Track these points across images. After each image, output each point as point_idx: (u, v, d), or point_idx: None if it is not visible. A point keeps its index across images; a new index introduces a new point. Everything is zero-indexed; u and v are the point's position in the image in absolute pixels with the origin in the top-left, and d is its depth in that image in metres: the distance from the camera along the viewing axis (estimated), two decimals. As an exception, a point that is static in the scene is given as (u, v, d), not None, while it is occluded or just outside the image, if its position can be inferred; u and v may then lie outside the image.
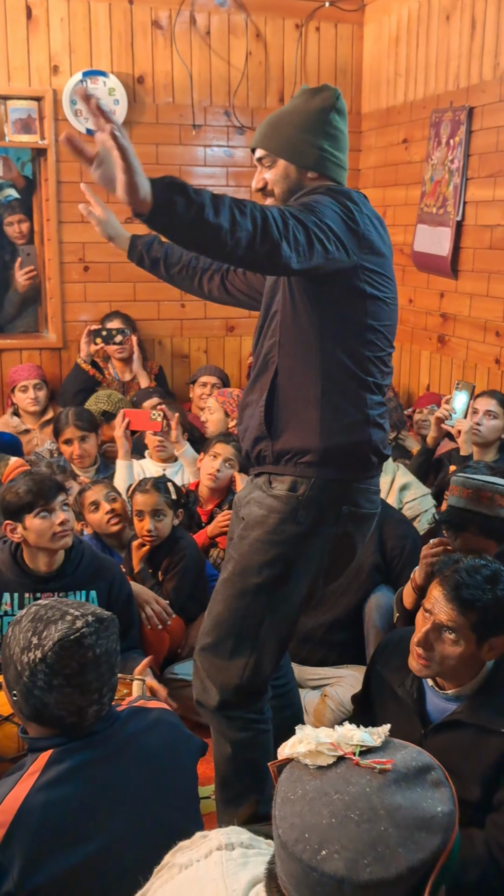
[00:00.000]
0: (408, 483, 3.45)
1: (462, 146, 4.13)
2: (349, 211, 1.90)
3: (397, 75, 4.81)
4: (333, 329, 1.98)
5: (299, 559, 2.04)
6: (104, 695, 1.61)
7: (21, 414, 4.54)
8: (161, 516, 3.02)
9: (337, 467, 2.01)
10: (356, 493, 2.06)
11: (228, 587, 2.10)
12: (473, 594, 1.91)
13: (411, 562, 2.95)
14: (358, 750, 1.09)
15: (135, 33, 4.74)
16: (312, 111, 2.02)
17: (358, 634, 2.91)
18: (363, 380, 2.02)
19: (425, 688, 2.05)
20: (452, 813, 1.05)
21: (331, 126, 2.04)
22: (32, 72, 4.61)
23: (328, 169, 2.05)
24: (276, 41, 5.01)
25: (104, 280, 4.94)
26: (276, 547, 2.03)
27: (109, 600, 2.64)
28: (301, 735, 1.11)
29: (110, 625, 1.65)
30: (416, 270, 4.68)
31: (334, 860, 0.97)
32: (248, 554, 2.06)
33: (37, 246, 5.00)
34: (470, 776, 1.90)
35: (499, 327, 4.04)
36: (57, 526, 2.51)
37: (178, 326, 5.15)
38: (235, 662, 2.09)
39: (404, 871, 0.98)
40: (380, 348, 2.04)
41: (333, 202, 1.89)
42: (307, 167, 2.03)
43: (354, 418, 2.01)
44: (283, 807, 1.05)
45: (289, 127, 2.03)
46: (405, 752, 1.10)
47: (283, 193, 2.06)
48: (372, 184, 5.16)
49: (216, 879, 1.17)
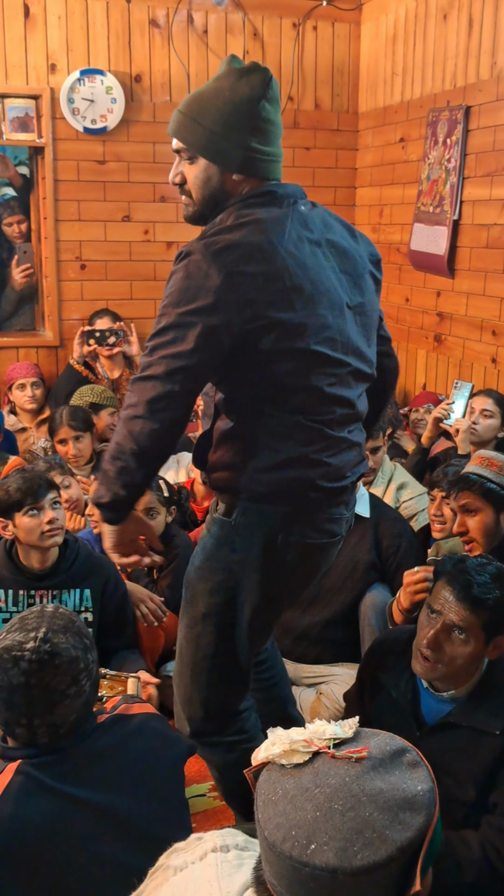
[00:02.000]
0: (405, 482, 3.46)
1: (459, 145, 4.13)
2: (222, 296, 1.71)
3: (394, 74, 4.82)
4: (266, 394, 1.83)
5: (240, 585, 1.92)
6: (36, 727, 1.56)
7: (18, 412, 4.54)
8: (154, 514, 3.02)
9: (269, 503, 1.86)
10: (298, 523, 1.88)
11: (183, 616, 2.02)
12: (484, 592, 1.90)
13: (406, 560, 2.95)
14: (332, 743, 1.09)
15: (132, 32, 4.74)
16: (239, 101, 1.78)
17: (353, 632, 2.91)
18: (306, 425, 1.83)
19: (420, 689, 2.04)
20: (433, 790, 1.07)
21: (260, 119, 1.80)
22: (30, 70, 4.61)
23: (256, 169, 1.84)
24: (274, 40, 5.01)
25: (101, 278, 4.95)
26: (216, 574, 1.92)
27: (104, 599, 2.64)
28: (273, 737, 1.11)
29: (64, 666, 1.57)
30: (413, 269, 4.69)
31: (324, 852, 0.98)
32: (194, 581, 1.97)
33: (34, 244, 4.99)
34: (465, 777, 1.90)
35: (495, 326, 4.04)
36: (45, 524, 2.50)
37: (174, 325, 5.14)
38: (196, 696, 2.02)
39: (394, 852, 0.99)
40: (329, 376, 1.84)
41: (199, 284, 1.71)
42: (231, 170, 1.83)
43: (287, 458, 1.83)
44: (266, 809, 1.05)
45: (211, 120, 1.79)
46: (378, 739, 1.11)
47: (202, 199, 1.88)
48: (369, 183, 5.17)
49: (210, 881, 1.17)
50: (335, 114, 5.17)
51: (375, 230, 5.12)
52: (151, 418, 1.74)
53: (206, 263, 1.72)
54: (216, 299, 1.71)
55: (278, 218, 1.80)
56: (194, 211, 1.92)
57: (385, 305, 5.05)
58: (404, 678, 2.06)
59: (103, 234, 4.90)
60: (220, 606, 1.94)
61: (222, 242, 1.74)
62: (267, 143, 1.84)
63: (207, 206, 1.89)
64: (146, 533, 1.96)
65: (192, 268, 1.73)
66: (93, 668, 1.64)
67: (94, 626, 2.62)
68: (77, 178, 4.79)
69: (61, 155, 4.73)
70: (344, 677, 2.83)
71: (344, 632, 2.93)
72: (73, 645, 1.60)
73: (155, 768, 1.68)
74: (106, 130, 4.74)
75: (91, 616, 2.62)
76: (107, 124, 4.73)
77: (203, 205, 1.89)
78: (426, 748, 1.94)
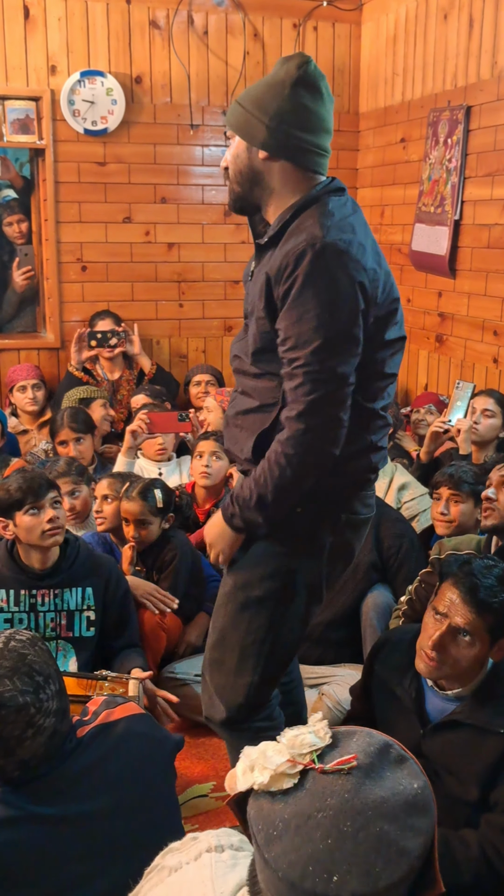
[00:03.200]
0: (406, 483, 3.45)
1: (460, 145, 4.13)
2: (361, 282, 1.76)
3: (395, 75, 4.81)
4: (361, 383, 1.87)
5: (300, 569, 1.97)
6: (3, 766, 1.53)
7: (19, 414, 4.54)
8: (146, 524, 3.01)
9: (335, 490, 1.94)
10: (354, 501, 1.99)
11: (231, 600, 2.03)
12: (490, 595, 1.89)
13: (408, 561, 2.95)
14: (314, 756, 1.04)
15: (132, 33, 4.74)
16: (272, 83, 1.81)
17: (355, 633, 2.90)
18: (371, 410, 1.93)
19: (424, 687, 2.04)
20: (426, 783, 1.05)
21: (289, 101, 1.79)
22: (30, 72, 4.61)
23: (285, 150, 1.82)
24: (274, 41, 5.01)
25: (102, 280, 4.95)
26: (275, 558, 1.96)
27: (106, 597, 2.64)
28: (249, 761, 1.06)
29: (11, 716, 1.51)
30: (414, 270, 4.68)
31: (349, 882, 0.94)
32: (247, 567, 1.99)
33: (35, 246, 5.00)
34: (468, 776, 1.89)
35: (497, 326, 4.03)
36: (46, 523, 2.50)
37: (175, 326, 5.15)
38: (240, 680, 2.02)
39: (414, 861, 0.98)
40: (391, 376, 1.96)
41: (351, 282, 1.74)
42: (255, 145, 1.83)
43: (358, 448, 1.91)
44: (272, 846, 0.99)
45: (247, 100, 1.84)
46: (358, 740, 1.07)
47: (233, 177, 1.90)
48: (370, 183, 5.16)
49: (205, 881, 1.16)
50: (336, 114, 5.12)
51: (377, 230, 5.11)
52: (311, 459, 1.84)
53: (346, 258, 1.75)
54: (361, 292, 1.77)
55: (361, 218, 1.88)
56: (231, 191, 1.94)
57: (386, 306, 5.04)
58: (409, 676, 2.05)
59: (104, 236, 4.90)
60: (277, 591, 1.97)
61: (348, 233, 1.78)
62: (299, 128, 1.82)
63: (239, 184, 1.90)
64: None
65: (337, 263, 1.74)
66: (49, 705, 1.55)
67: (96, 624, 2.62)
68: (78, 180, 4.79)
69: (62, 157, 4.73)
70: (346, 678, 2.82)
71: (346, 632, 2.92)
72: (22, 690, 1.53)
73: (143, 773, 1.65)
74: (106, 132, 4.75)
75: (93, 615, 2.61)
76: (107, 126, 4.73)
77: (235, 182, 1.91)
78: (430, 746, 1.95)
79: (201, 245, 5.09)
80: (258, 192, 1.90)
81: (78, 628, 2.60)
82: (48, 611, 2.57)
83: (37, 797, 1.54)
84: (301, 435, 1.78)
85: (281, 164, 1.85)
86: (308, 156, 1.85)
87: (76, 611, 2.60)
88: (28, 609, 2.56)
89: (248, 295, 2.00)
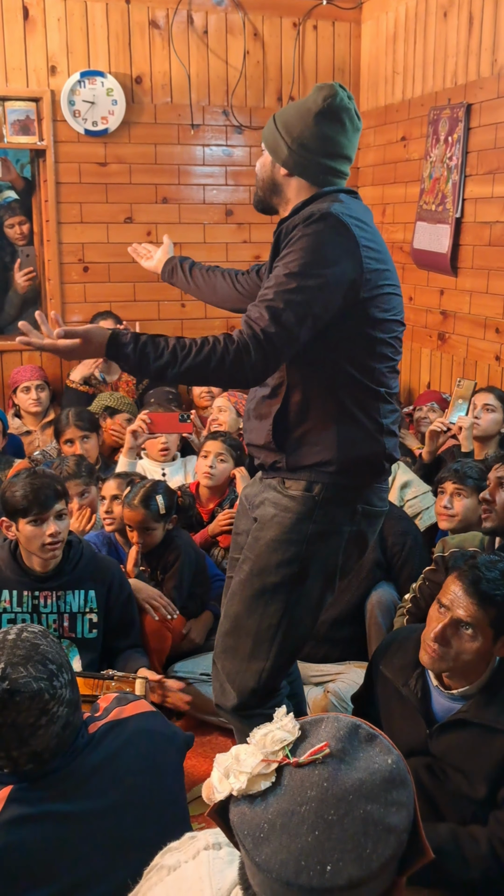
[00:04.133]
0: (409, 481, 3.46)
1: (460, 143, 4.13)
2: (354, 248, 1.92)
3: (395, 73, 4.81)
4: (344, 347, 1.99)
5: (315, 557, 2.04)
6: (16, 758, 1.53)
7: (22, 415, 4.54)
8: (149, 531, 3.01)
9: (352, 476, 2.03)
10: (370, 493, 2.08)
11: (246, 588, 2.09)
12: (493, 588, 1.90)
13: (412, 558, 2.95)
14: (287, 751, 1.03)
15: (132, 33, 4.74)
16: (302, 110, 2.02)
17: (360, 631, 2.91)
18: (376, 391, 2.03)
19: (430, 687, 2.04)
20: (399, 756, 1.05)
21: (310, 127, 2.00)
22: (30, 73, 4.62)
23: (302, 169, 2.04)
24: (274, 40, 5.01)
25: (104, 280, 4.95)
26: (292, 546, 2.03)
27: (109, 600, 2.63)
28: (223, 769, 1.05)
29: (26, 702, 1.52)
30: (416, 268, 4.68)
31: (343, 868, 0.95)
32: (264, 554, 2.05)
33: (36, 247, 5.00)
34: (476, 775, 1.89)
35: (499, 324, 4.03)
36: (47, 537, 2.47)
37: (178, 326, 5.15)
38: (253, 665, 2.09)
39: (402, 835, 0.99)
40: (390, 358, 2.06)
41: (342, 249, 1.90)
42: (280, 162, 2.07)
43: (370, 429, 2.03)
44: (260, 849, 0.98)
45: (281, 121, 2.06)
46: (327, 727, 1.07)
47: (259, 182, 2.14)
48: (371, 182, 5.16)
49: (202, 878, 1.16)
50: (336, 113, 5.16)
51: (378, 229, 5.10)
52: (232, 369, 1.91)
53: (345, 227, 1.91)
54: (362, 259, 1.93)
55: (370, 214, 2.11)
56: (256, 192, 2.17)
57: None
58: (414, 676, 2.05)
59: (105, 236, 4.90)
60: (294, 577, 2.04)
61: (355, 216, 1.97)
62: (318, 153, 2.03)
63: (263, 189, 2.14)
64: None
65: (335, 229, 1.91)
66: (63, 693, 1.56)
67: (99, 626, 2.62)
68: (79, 181, 4.80)
69: (63, 157, 4.74)
70: (351, 676, 2.83)
71: (350, 630, 2.93)
72: (36, 676, 1.53)
73: (152, 772, 1.66)
74: (107, 132, 4.75)
75: (96, 617, 2.61)
76: (108, 126, 4.73)
77: (259, 188, 2.15)
78: (437, 746, 1.95)
79: (203, 245, 5.10)
80: (276, 200, 2.13)
81: (80, 630, 2.60)
82: (50, 612, 2.57)
83: (51, 794, 1.54)
84: (240, 350, 1.87)
85: (297, 180, 2.07)
86: (324, 176, 2.06)
87: (78, 613, 2.59)
88: (31, 610, 2.56)
89: None
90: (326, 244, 1.89)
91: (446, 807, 1.93)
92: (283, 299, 1.86)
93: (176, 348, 1.89)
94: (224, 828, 1.08)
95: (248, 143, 5.03)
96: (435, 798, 1.94)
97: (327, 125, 2.01)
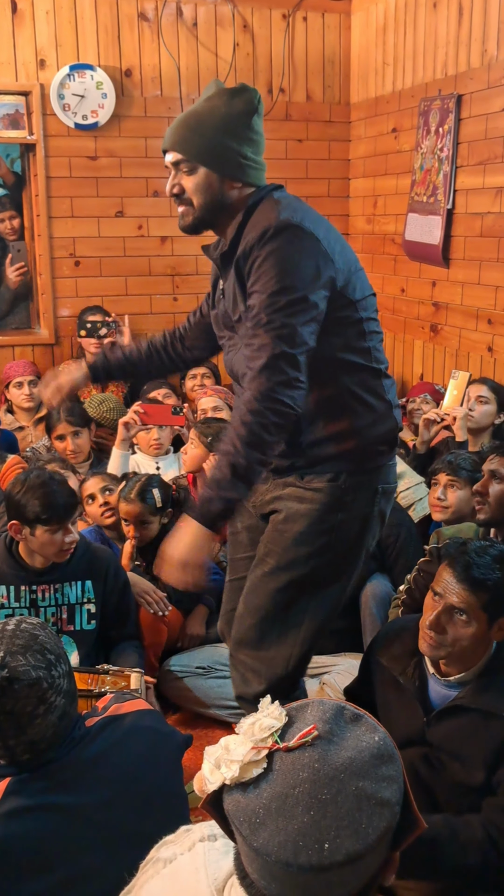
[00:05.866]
0: (401, 472, 3.45)
1: (451, 134, 4.12)
2: (317, 245, 1.90)
3: (385, 64, 4.80)
4: (337, 338, 1.99)
5: (345, 544, 2.07)
6: (13, 747, 1.54)
7: (15, 410, 4.53)
8: (146, 524, 3.02)
9: (374, 456, 2.06)
10: (387, 471, 2.13)
11: (272, 581, 2.09)
12: (484, 573, 1.91)
13: (406, 550, 2.96)
14: (276, 737, 1.05)
15: (121, 26, 4.72)
16: (235, 114, 1.93)
17: (354, 622, 2.91)
18: (377, 369, 2.05)
19: (427, 675, 2.05)
20: (385, 733, 1.08)
21: (252, 131, 1.97)
22: (19, 66, 4.60)
23: (249, 176, 1.99)
24: (264, 32, 4.99)
25: (95, 275, 4.94)
26: (322, 536, 2.05)
27: (105, 589, 2.65)
28: (213, 760, 1.06)
29: (25, 690, 1.52)
30: (408, 260, 4.68)
31: (340, 843, 0.97)
32: (292, 547, 2.06)
33: (27, 242, 4.98)
34: (474, 761, 1.90)
35: (491, 315, 4.04)
36: (65, 543, 2.52)
37: (170, 321, 5.13)
38: (281, 653, 2.10)
39: (396, 807, 1.02)
40: (377, 332, 2.08)
41: (310, 252, 1.88)
42: (231, 177, 1.97)
43: (380, 409, 2.05)
44: (257, 835, 1.00)
45: (211, 131, 1.94)
46: (313, 710, 1.08)
47: (204, 205, 2.00)
48: (362, 174, 5.16)
49: (198, 869, 1.17)
50: (327, 105, 5.16)
51: (370, 221, 5.11)
52: (271, 429, 1.90)
53: (302, 230, 1.89)
54: (328, 253, 1.92)
55: (304, 203, 2.04)
56: (195, 218, 2.03)
57: (381, 296, 5.04)
58: (412, 664, 2.06)
59: (97, 231, 4.89)
60: (324, 567, 2.07)
61: (301, 212, 1.93)
62: (257, 153, 2.01)
63: (209, 211, 2.01)
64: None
65: (296, 237, 1.88)
66: (61, 683, 1.57)
67: (96, 617, 2.63)
68: (69, 175, 4.78)
69: (53, 151, 4.72)
70: (346, 667, 2.84)
71: (345, 622, 2.93)
72: (35, 665, 1.54)
73: (150, 767, 1.66)
74: (97, 126, 4.73)
75: (94, 608, 2.62)
76: (98, 120, 4.72)
77: (204, 210, 2.01)
78: (434, 733, 1.96)
79: (194, 238, 5.06)
80: (223, 218, 2.02)
81: (79, 622, 2.61)
82: (49, 605, 2.58)
83: (49, 786, 1.55)
84: (266, 391, 1.83)
85: (242, 187, 2.00)
86: (260, 174, 2.02)
87: (77, 604, 2.60)
88: (28, 605, 2.57)
89: (222, 313, 2.11)
90: (294, 254, 1.87)
91: (443, 797, 1.94)
92: (280, 319, 1.84)
93: (222, 455, 1.86)
94: (218, 818, 1.09)
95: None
96: (432, 789, 1.95)
97: (260, 123, 2.00)
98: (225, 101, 1.94)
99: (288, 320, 1.84)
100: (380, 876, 1.05)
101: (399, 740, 1.92)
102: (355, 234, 5.30)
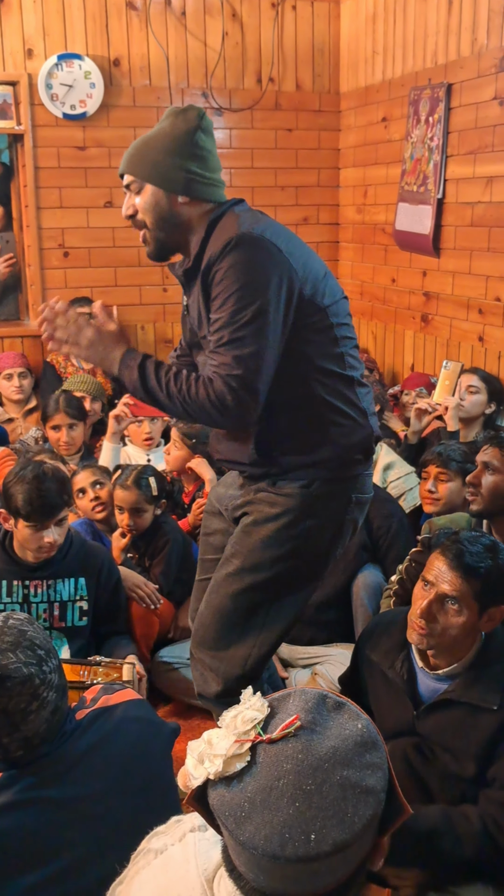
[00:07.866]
0: (391, 462, 3.46)
1: (441, 123, 4.11)
2: (278, 255, 1.90)
3: (375, 53, 4.78)
4: (308, 346, 1.98)
5: (312, 552, 2.07)
6: (6, 744, 1.54)
7: (4, 402, 4.51)
8: (141, 512, 3.01)
9: (350, 465, 2.05)
10: (362, 481, 2.10)
11: (234, 582, 2.08)
12: (476, 561, 1.91)
13: (397, 541, 2.96)
14: (259, 729, 1.05)
15: (109, 15, 4.69)
16: (177, 133, 1.99)
17: (346, 613, 2.92)
18: (350, 378, 2.04)
19: (416, 669, 2.04)
20: (368, 720, 1.07)
21: (196, 147, 1.99)
22: (6, 56, 4.56)
23: (199, 191, 2.01)
24: (253, 21, 4.96)
25: (84, 266, 4.92)
26: (290, 541, 2.04)
27: (98, 586, 2.63)
28: (197, 755, 1.06)
29: (17, 688, 1.52)
30: (399, 249, 4.67)
31: (327, 834, 0.97)
32: (258, 550, 2.05)
33: (15, 233, 4.95)
34: (464, 753, 1.90)
35: (481, 304, 4.04)
36: (44, 542, 2.48)
37: (160, 311, 5.13)
38: (239, 653, 2.10)
39: (381, 795, 1.01)
40: (350, 337, 2.07)
41: (271, 263, 1.89)
42: (176, 192, 2.00)
43: (355, 416, 2.04)
44: (243, 828, 0.99)
45: (154, 151, 2.00)
46: (295, 700, 1.08)
47: (155, 223, 2.03)
48: (352, 163, 5.14)
49: (189, 858, 1.17)
50: (317, 94, 5.14)
51: (360, 211, 5.10)
52: (228, 410, 1.92)
53: (263, 241, 1.90)
54: (290, 263, 1.93)
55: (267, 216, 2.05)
56: (154, 240, 2.07)
57: (371, 286, 5.04)
58: (400, 658, 2.06)
59: (86, 221, 4.86)
60: (288, 572, 2.06)
61: (262, 224, 1.94)
62: (207, 169, 2.02)
63: (162, 230, 2.04)
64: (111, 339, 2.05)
65: (257, 248, 1.90)
66: (52, 678, 1.57)
67: (89, 614, 2.62)
68: (58, 165, 4.75)
69: (41, 142, 4.69)
70: (338, 657, 2.84)
71: (337, 613, 2.93)
72: (25, 662, 1.54)
73: (142, 757, 1.66)
74: (85, 116, 4.70)
75: (86, 604, 2.61)
76: (86, 109, 4.69)
77: (157, 229, 2.04)
78: (424, 727, 1.96)
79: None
80: (183, 236, 2.05)
81: (71, 618, 2.60)
82: (41, 601, 2.57)
83: (39, 780, 1.54)
84: (222, 395, 1.87)
85: (197, 204, 2.02)
86: (213, 189, 2.04)
87: (69, 601, 2.59)
88: (21, 600, 2.55)
89: (188, 329, 2.13)
90: (252, 267, 1.87)
91: (436, 786, 1.94)
92: (237, 337, 1.86)
93: (173, 380, 1.93)
94: (204, 813, 1.09)
95: (227, 126, 5.00)
96: (424, 778, 1.95)
97: (208, 140, 2.02)
98: (170, 122, 2.01)
99: (250, 339, 1.85)
100: (368, 862, 1.05)
101: (390, 733, 1.94)
102: (345, 223, 5.29)
